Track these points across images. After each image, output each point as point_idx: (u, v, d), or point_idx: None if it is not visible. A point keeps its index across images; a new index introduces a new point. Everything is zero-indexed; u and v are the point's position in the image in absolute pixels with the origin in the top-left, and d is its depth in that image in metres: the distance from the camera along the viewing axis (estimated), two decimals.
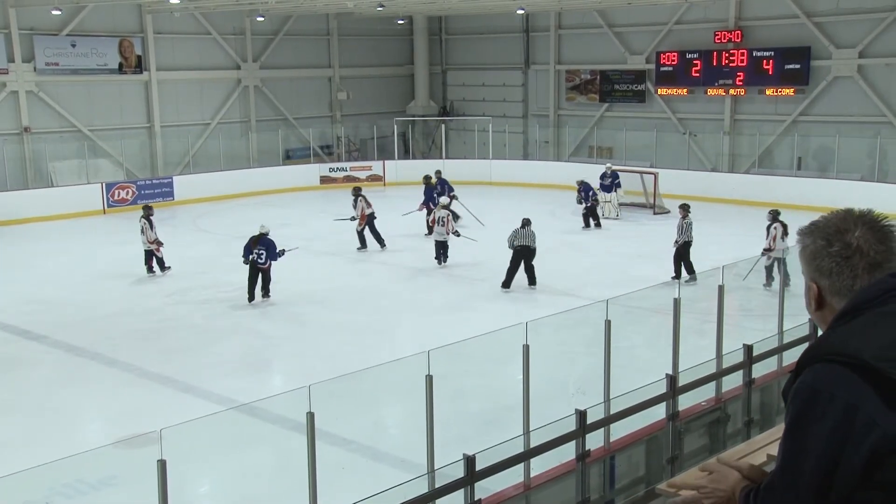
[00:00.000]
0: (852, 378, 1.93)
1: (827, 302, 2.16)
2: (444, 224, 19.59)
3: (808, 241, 2.18)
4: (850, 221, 2.14)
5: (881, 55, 26.88)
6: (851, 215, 2.16)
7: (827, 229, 2.15)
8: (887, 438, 1.89)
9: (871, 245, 2.10)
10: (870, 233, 2.11)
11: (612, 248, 21.57)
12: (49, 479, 8.25)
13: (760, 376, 9.73)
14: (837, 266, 2.11)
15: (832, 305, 2.14)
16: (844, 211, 2.18)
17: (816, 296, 2.17)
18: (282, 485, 9.17)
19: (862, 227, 2.12)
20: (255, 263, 16.80)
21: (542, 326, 9.31)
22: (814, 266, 2.16)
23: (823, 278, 2.15)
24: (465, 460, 7.09)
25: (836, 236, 2.13)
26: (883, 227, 2.13)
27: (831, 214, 2.19)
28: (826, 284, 2.15)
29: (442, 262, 19.73)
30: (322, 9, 31.22)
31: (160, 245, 19.13)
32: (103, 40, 29.30)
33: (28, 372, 13.55)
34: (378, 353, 12.28)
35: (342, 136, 35.41)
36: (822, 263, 2.14)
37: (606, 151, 32.86)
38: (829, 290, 2.14)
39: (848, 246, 2.11)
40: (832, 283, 2.13)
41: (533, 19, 34.79)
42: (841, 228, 2.13)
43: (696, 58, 30.17)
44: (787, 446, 2.02)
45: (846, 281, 2.11)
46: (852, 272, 2.10)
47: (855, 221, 2.14)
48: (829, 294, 2.14)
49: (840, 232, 2.13)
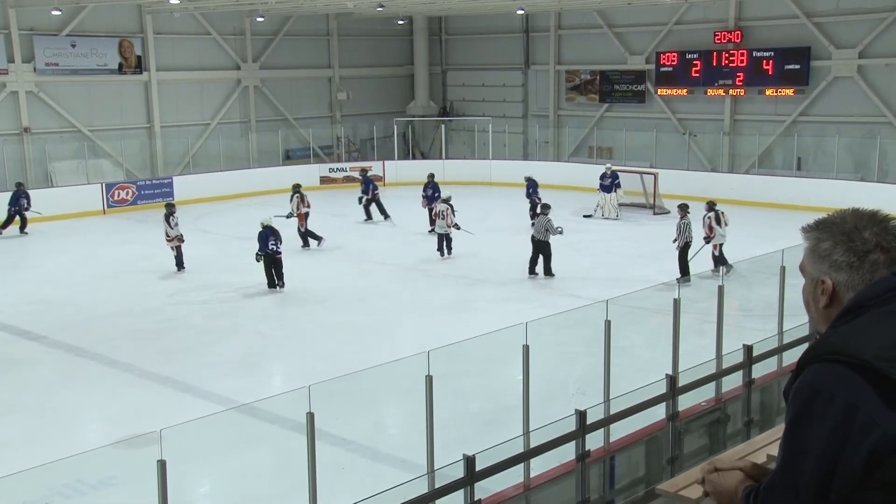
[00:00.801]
0: (853, 378, 1.93)
1: (841, 298, 2.14)
2: (445, 217, 20.23)
3: (823, 237, 2.16)
4: (864, 219, 2.15)
5: (881, 55, 26.88)
6: (864, 214, 2.16)
7: (844, 225, 2.15)
8: (887, 438, 1.89)
9: (889, 241, 2.11)
10: (883, 231, 2.12)
11: (612, 249, 21.57)
12: (49, 480, 8.25)
13: (760, 377, 9.73)
14: (858, 261, 2.11)
15: (843, 302, 2.13)
16: (853, 209, 2.19)
17: (831, 292, 2.15)
18: (282, 485, 9.17)
19: (876, 226, 2.13)
20: (272, 254, 17.59)
21: (542, 327, 9.31)
22: (828, 262, 2.15)
23: (841, 273, 2.13)
24: (464, 460, 7.09)
25: (855, 232, 2.13)
26: (893, 228, 2.14)
27: (842, 212, 2.19)
28: (843, 278, 2.13)
29: (446, 255, 20.21)
30: (322, 9, 31.23)
31: (181, 241, 19.45)
32: (103, 40, 29.30)
33: (28, 372, 13.55)
34: (378, 354, 12.28)
35: (342, 137, 35.41)
36: (839, 258, 2.13)
37: (606, 152, 32.86)
38: (846, 284, 2.12)
39: (867, 241, 2.11)
40: (850, 276, 2.12)
41: (533, 19, 34.80)
42: (858, 225, 2.13)
43: (695, 58, 30.17)
44: (787, 446, 2.02)
45: (866, 275, 2.10)
46: (872, 266, 2.10)
47: (868, 219, 2.15)
48: (846, 289, 2.13)
49: (857, 229, 2.13)
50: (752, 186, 27.59)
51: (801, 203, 23.89)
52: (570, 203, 26.09)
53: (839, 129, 27.50)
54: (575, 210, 25.38)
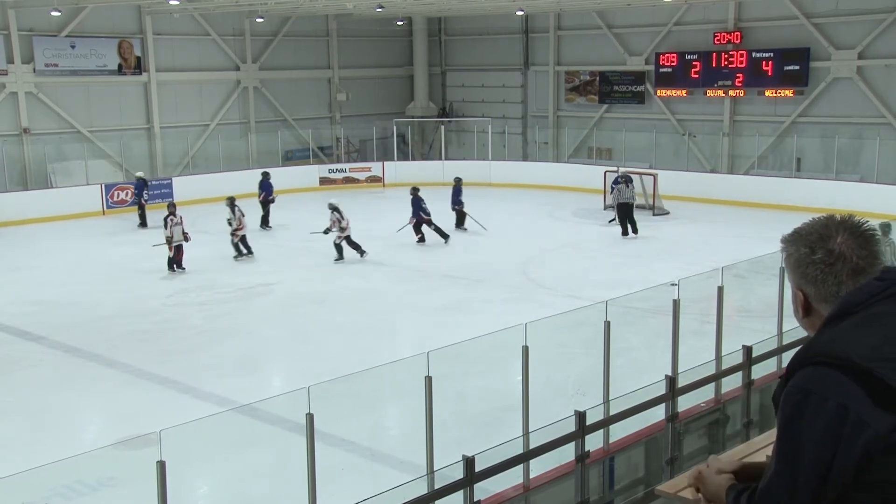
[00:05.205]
0: (842, 380, 1.94)
1: (814, 309, 2.17)
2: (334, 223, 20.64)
3: (791, 250, 2.19)
4: (832, 228, 2.14)
5: (880, 56, 26.90)
6: (833, 221, 2.16)
7: (810, 237, 2.15)
8: (878, 438, 1.90)
9: (853, 251, 2.11)
10: (852, 238, 2.12)
11: (612, 249, 21.57)
12: (48, 480, 8.24)
13: (760, 377, 9.71)
14: (822, 273, 2.12)
15: (819, 312, 2.15)
16: (826, 217, 2.19)
17: (803, 303, 2.18)
18: (281, 486, 9.16)
19: (844, 233, 2.13)
20: None
21: (541, 328, 9.29)
22: (799, 273, 2.17)
23: (809, 286, 2.16)
24: (464, 461, 7.08)
25: (819, 243, 2.13)
26: (864, 233, 2.14)
27: (813, 221, 2.20)
28: (812, 292, 2.16)
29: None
30: (321, 10, 31.24)
31: (171, 243, 19.48)
32: (102, 41, 29.31)
33: (27, 373, 13.54)
34: (378, 354, 12.27)
35: (341, 138, 35.42)
36: (806, 271, 2.15)
37: (606, 153, 32.88)
38: (815, 297, 2.15)
39: (831, 252, 2.11)
40: (818, 290, 2.14)
41: (532, 20, 34.81)
42: (823, 235, 2.14)
43: (695, 59, 30.18)
44: (780, 450, 2.03)
45: (831, 287, 2.12)
46: (836, 279, 2.11)
47: (837, 227, 2.14)
48: (816, 301, 2.16)
49: (823, 239, 2.13)
50: (751, 188, 27.59)
51: (801, 204, 23.88)
52: (570, 204, 26.09)
53: (838, 130, 27.51)
54: (575, 210, 25.37)
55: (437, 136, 35.67)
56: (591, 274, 19.01)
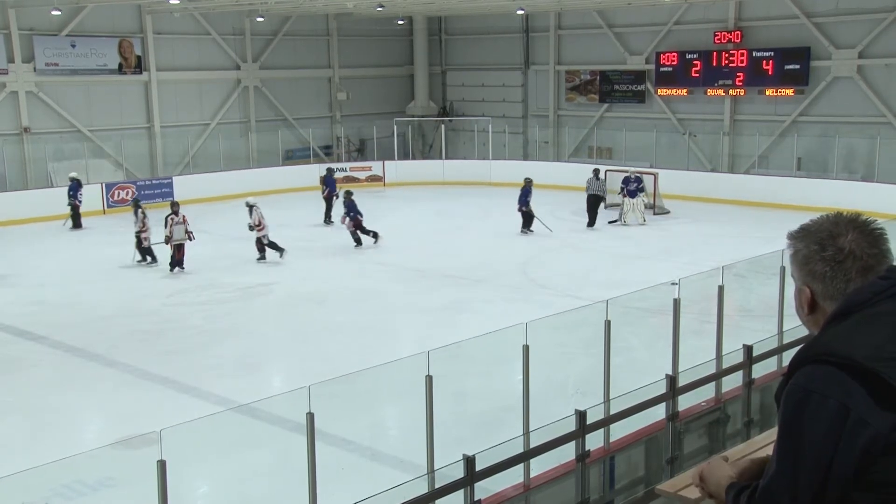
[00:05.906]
0: (844, 378, 1.93)
1: (819, 306, 2.16)
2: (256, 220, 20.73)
3: (799, 246, 2.17)
4: (842, 225, 2.13)
5: (881, 55, 26.88)
6: (842, 219, 2.15)
7: (819, 233, 2.14)
8: (879, 438, 1.90)
9: (863, 249, 2.10)
10: (861, 237, 2.11)
11: (612, 249, 21.56)
12: (48, 480, 8.24)
13: (760, 377, 9.71)
14: (831, 270, 2.11)
15: (824, 309, 2.14)
16: (835, 215, 2.18)
17: (809, 300, 2.17)
18: (281, 485, 9.15)
19: (854, 231, 2.12)
20: None
21: (541, 327, 9.29)
22: (806, 270, 2.16)
23: (816, 282, 2.14)
24: (464, 461, 7.08)
25: (829, 241, 2.12)
26: (874, 231, 2.13)
27: (822, 218, 2.18)
28: (819, 289, 2.14)
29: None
30: (321, 9, 31.23)
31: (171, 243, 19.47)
32: (103, 41, 29.30)
33: (27, 373, 13.54)
34: (378, 354, 12.25)
35: (342, 137, 35.41)
36: (814, 268, 2.13)
37: (606, 152, 32.87)
38: (822, 294, 2.14)
39: (841, 250, 2.10)
40: (825, 287, 2.13)
41: (532, 20, 34.80)
42: (833, 233, 2.12)
43: (695, 58, 30.18)
44: (781, 449, 2.02)
45: (839, 285, 2.11)
46: (845, 276, 2.10)
47: (846, 225, 2.13)
48: (822, 298, 2.14)
49: (833, 236, 2.12)
50: (751, 186, 27.58)
51: (801, 203, 23.87)
52: (570, 203, 26.09)
53: (839, 130, 27.49)
54: (575, 210, 25.36)
55: (437, 135, 35.66)
56: (592, 274, 19.00)
